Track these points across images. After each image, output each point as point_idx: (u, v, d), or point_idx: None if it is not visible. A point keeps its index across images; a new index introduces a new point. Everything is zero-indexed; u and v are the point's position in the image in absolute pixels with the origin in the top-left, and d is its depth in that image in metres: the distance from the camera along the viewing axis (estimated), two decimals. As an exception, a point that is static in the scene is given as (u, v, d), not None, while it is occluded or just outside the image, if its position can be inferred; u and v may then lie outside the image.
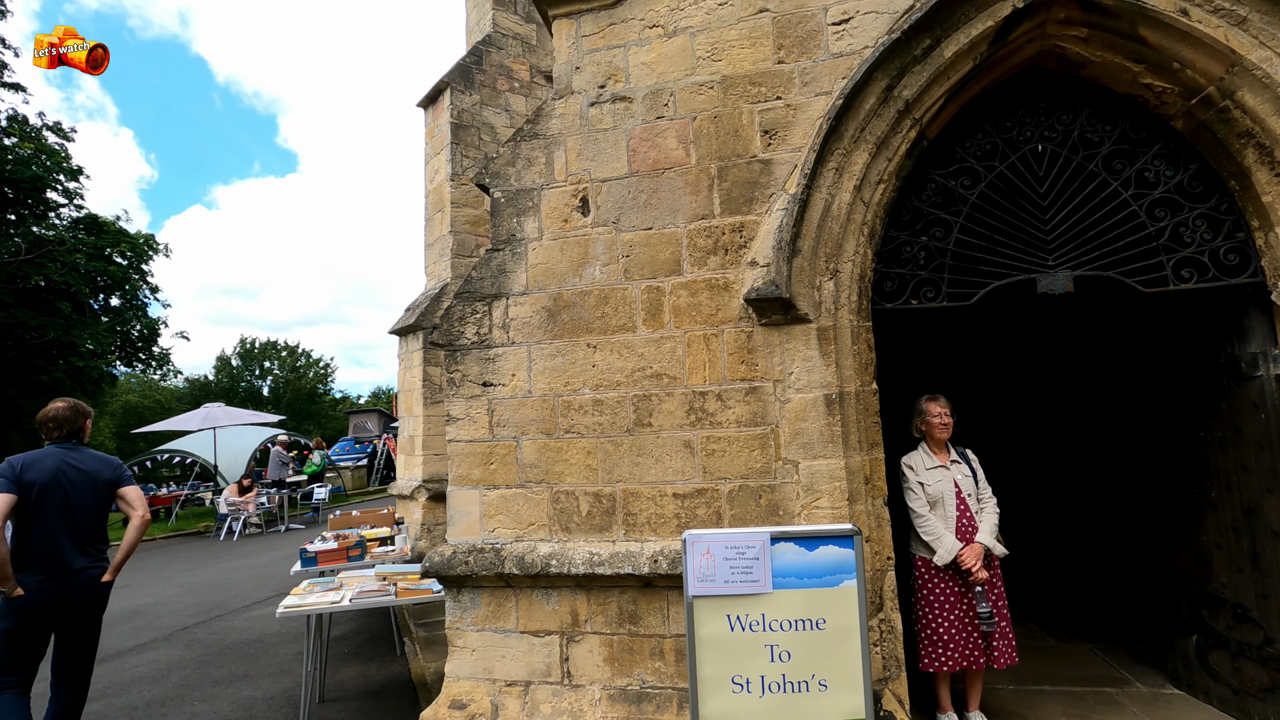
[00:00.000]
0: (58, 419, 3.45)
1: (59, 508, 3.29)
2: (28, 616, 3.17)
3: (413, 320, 7.35)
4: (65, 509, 3.30)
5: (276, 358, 67.83)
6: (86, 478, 3.40)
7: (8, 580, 3.11)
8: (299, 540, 11.91)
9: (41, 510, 3.24)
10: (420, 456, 7.23)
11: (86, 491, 3.39)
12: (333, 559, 5.12)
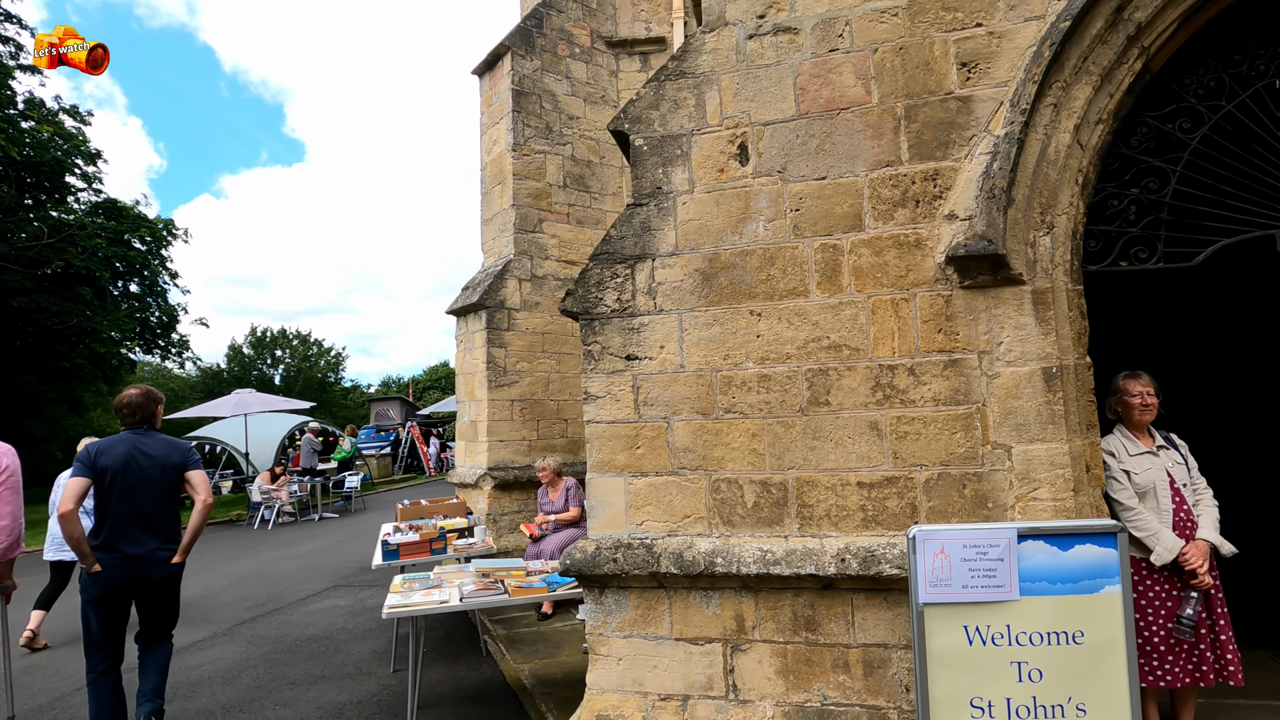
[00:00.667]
0: (131, 405, 3.60)
1: (130, 491, 3.43)
2: (107, 591, 3.37)
3: (475, 299, 6.94)
4: (136, 492, 3.44)
5: (288, 346, 67.81)
6: (155, 462, 3.52)
7: (86, 557, 3.31)
8: (335, 529, 11.60)
9: (114, 493, 3.40)
10: (485, 443, 6.84)
11: (156, 476, 3.52)
12: (415, 551, 4.74)
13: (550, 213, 7.45)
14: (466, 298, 7.20)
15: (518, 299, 7.12)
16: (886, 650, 2.73)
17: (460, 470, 7.16)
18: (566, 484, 6.24)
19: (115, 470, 3.42)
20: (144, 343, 25.15)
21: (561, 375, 7.37)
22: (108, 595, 3.39)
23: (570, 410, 7.40)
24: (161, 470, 3.54)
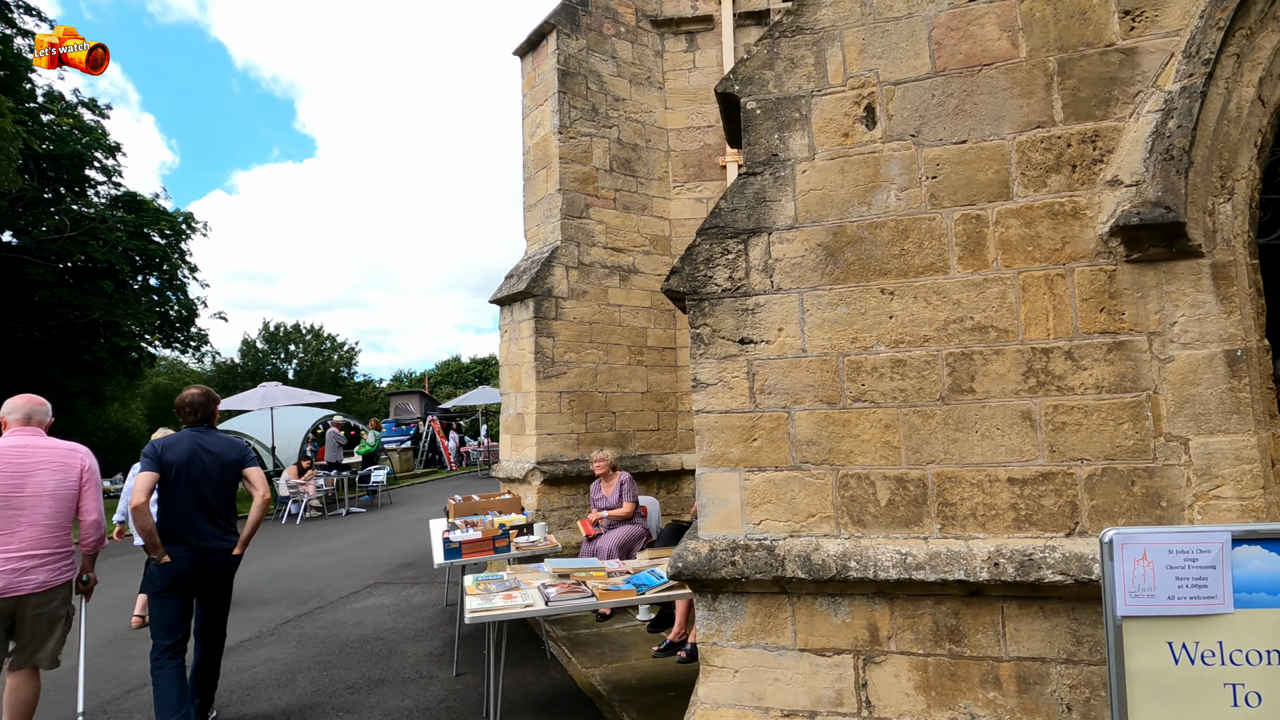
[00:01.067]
0: (193, 405, 3.82)
1: (193, 486, 3.62)
2: (176, 581, 3.55)
3: (522, 286, 6.69)
4: (199, 487, 3.63)
5: (301, 341, 68.05)
6: (216, 459, 3.73)
7: (157, 549, 3.48)
8: (365, 525, 11.42)
9: (179, 488, 3.59)
10: (533, 436, 6.59)
11: (216, 471, 3.72)
12: (478, 550, 4.50)
13: (597, 198, 7.18)
14: (512, 286, 6.95)
15: (565, 287, 6.87)
16: (1044, 665, 2.46)
17: (506, 464, 6.92)
18: (621, 478, 5.99)
19: (180, 465, 3.61)
20: (163, 336, 25.14)
21: (609, 367, 7.11)
22: (176, 584, 3.56)
23: (618, 403, 7.15)
24: (222, 466, 3.75)
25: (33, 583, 3.16)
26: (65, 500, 3.30)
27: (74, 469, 3.36)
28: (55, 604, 3.29)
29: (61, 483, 3.30)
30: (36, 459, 3.27)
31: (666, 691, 4.07)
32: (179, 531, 3.57)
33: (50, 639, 3.29)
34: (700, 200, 7.66)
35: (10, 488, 3.17)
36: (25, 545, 3.16)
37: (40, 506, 3.21)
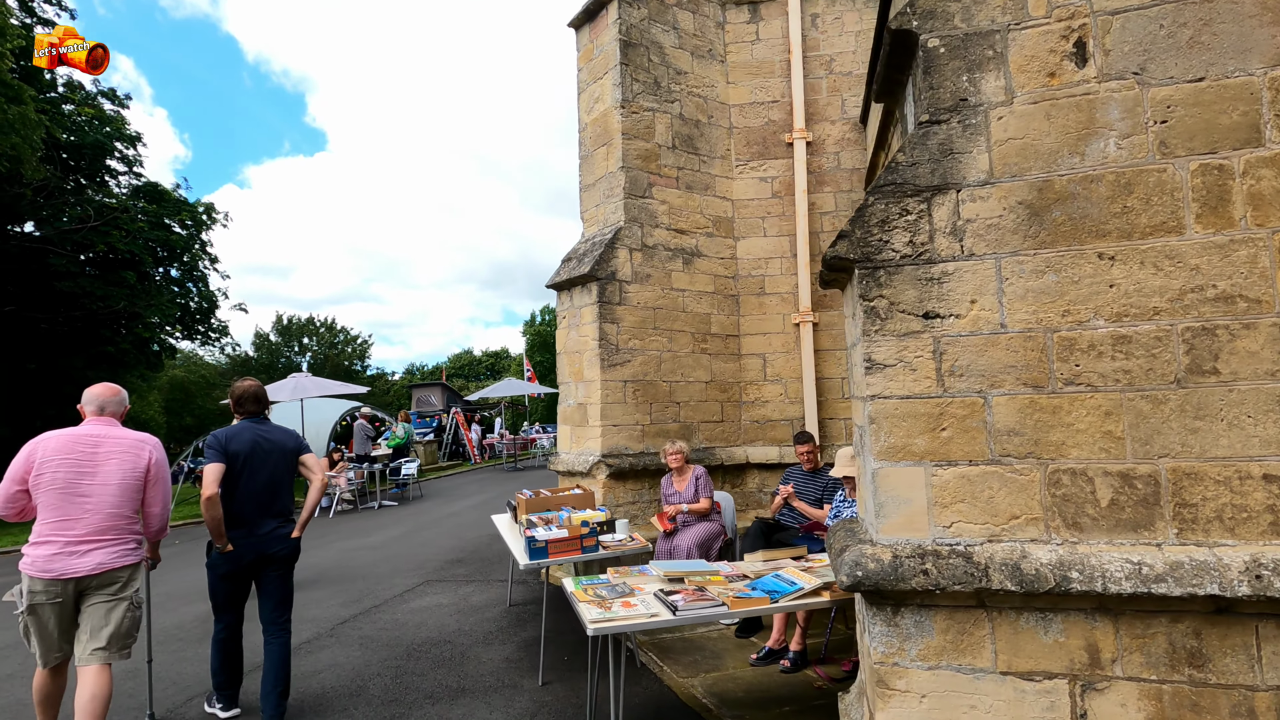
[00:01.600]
0: (256, 397, 3.94)
1: (256, 474, 3.71)
2: (236, 568, 3.69)
3: (585, 269, 6.32)
4: (261, 475, 3.73)
5: (314, 334, 68.21)
6: (276, 447, 3.83)
7: (222, 538, 3.59)
8: (400, 518, 11.13)
9: (243, 477, 3.67)
10: (597, 427, 6.24)
11: (278, 460, 3.81)
12: (565, 549, 4.16)
13: (659, 176, 6.80)
14: (572, 269, 6.59)
15: (629, 270, 6.50)
16: (1312, 695, 2.08)
17: (567, 457, 6.57)
18: (695, 472, 5.64)
19: (245, 455, 3.68)
20: (184, 328, 25.01)
21: (674, 354, 6.74)
22: (238, 571, 3.70)
23: (682, 393, 6.78)
24: (282, 454, 3.84)
25: (88, 564, 3.17)
26: (132, 490, 3.33)
27: (142, 460, 3.39)
28: (115, 587, 3.27)
29: (130, 473, 3.33)
30: (107, 449, 3.31)
31: (780, 706, 3.72)
32: (244, 519, 3.67)
33: (109, 624, 3.22)
34: (764, 180, 7.26)
35: (78, 475, 3.21)
36: (86, 532, 3.19)
37: (106, 495, 3.24)
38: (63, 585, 3.13)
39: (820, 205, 7.15)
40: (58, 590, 3.13)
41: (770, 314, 7.19)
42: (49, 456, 3.18)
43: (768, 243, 7.24)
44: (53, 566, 3.11)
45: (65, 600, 3.16)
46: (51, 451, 3.20)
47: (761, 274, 7.23)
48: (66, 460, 3.20)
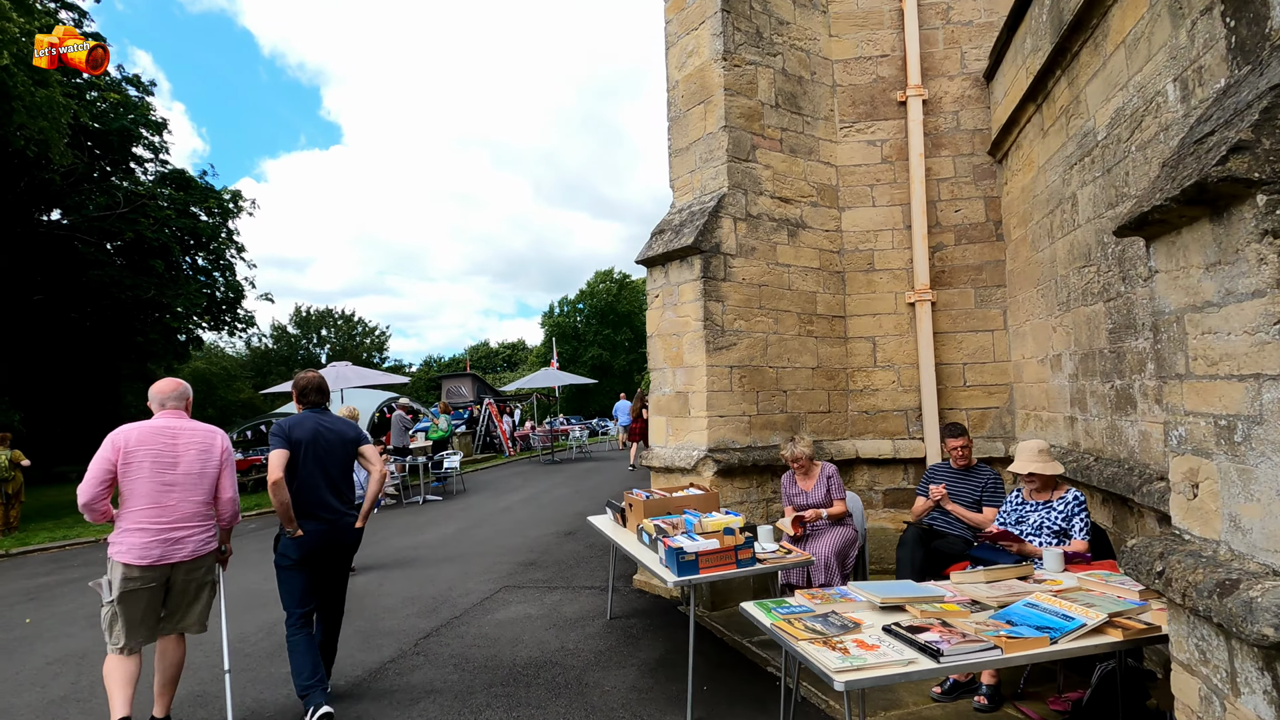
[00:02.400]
0: (319, 388, 4.00)
1: (319, 463, 3.75)
2: (308, 554, 3.70)
3: (687, 240, 5.63)
4: (323, 464, 3.77)
5: (332, 326, 68.20)
6: (337, 437, 3.87)
7: (291, 523, 3.62)
8: (449, 514, 10.54)
9: (306, 465, 3.71)
10: (703, 418, 5.57)
11: (338, 449, 3.86)
12: (718, 563, 3.49)
13: (763, 138, 6.09)
14: (669, 241, 5.90)
15: (733, 243, 5.80)
16: None
17: (663, 452, 5.91)
18: (825, 470, 4.96)
19: (307, 443, 3.73)
20: (211, 318, 24.62)
21: (780, 337, 6.05)
22: (307, 558, 3.70)
23: (788, 380, 6.08)
24: (343, 444, 3.89)
25: (183, 552, 3.36)
26: (209, 478, 3.50)
27: (215, 449, 3.55)
28: (202, 572, 3.49)
29: (206, 462, 3.49)
30: (184, 439, 3.45)
31: (999, 758, 3.04)
32: (309, 506, 3.70)
33: (198, 604, 3.51)
34: (873, 143, 6.52)
35: (165, 465, 3.36)
36: (178, 519, 3.36)
37: (189, 483, 3.42)
38: (160, 571, 3.30)
39: (937, 171, 6.40)
40: (154, 576, 3.29)
41: (880, 293, 6.46)
42: (134, 447, 3.30)
43: (877, 213, 6.50)
44: (151, 553, 3.26)
45: (158, 586, 3.33)
46: (135, 443, 3.31)
47: (870, 248, 6.50)
48: (151, 450, 3.34)
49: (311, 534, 3.68)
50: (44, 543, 9.88)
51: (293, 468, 3.66)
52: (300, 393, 3.97)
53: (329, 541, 3.75)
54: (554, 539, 8.24)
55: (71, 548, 9.84)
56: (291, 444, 3.68)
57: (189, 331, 24.31)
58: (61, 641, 5.41)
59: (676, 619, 5.15)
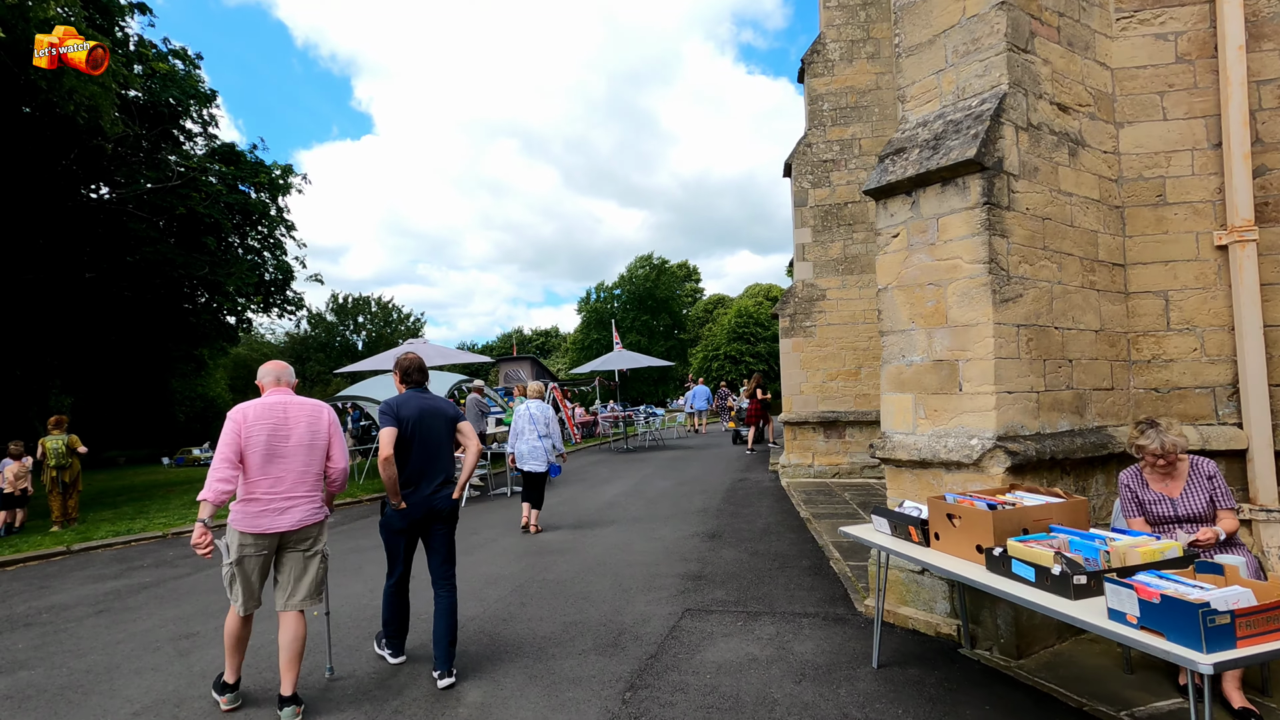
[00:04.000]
0: (421, 368, 4.21)
1: (423, 439, 3.94)
2: (410, 523, 3.95)
3: (962, 153, 4.14)
4: (427, 440, 3.96)
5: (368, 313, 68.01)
6: (439, 414, 4.05)
7: (397, 495, 3.87)
8: (551, 510, 9.23)
9: (414, 441, 3.91)
10: (987, 395, 4.11)
11: (441, 425, 4.04)
12: (1269, 630, 2.05)
13: (1040, 23, 4.57)
14: (926, 159, 4.42)
15: (1015, 160, 4.31)
16: None
17: (915, 441, 4.47)
18: (1203, 469, 3.52)
19: (414, 421, 3.92)
20: (261, 299, 23.73)
21: (1064, 289, 4.56)
22: (411, 526, 3.95)
23: (1074, 346, 4.60)
24: (444, 420, 4.06)
25: (290, 520, 3.51)
26: (318, 450, 3.66)
27: (323, 422, 3.71)
28: (309, 541, 3.63)
29: (315, 435, 3.65)
30: (294, 414, 3.62)
31: None
32: (414, 479, 3.91)
33: (308, 575, 3.62)
34: (1163, 37, 4.96)
35: (278, 438, 3.52)
36: (287, 489, 3.52)
37: (299, 455, 3.57)
38: (269, 540, 3.50)
39: (1262, 69, 4.81)
40: (265, 544, 3.50)
41: (1174, 233, 4.92)
42: (252, 423, 3.46)
43: (1169, 129, 4.95)
44: (260, 523, 3.45)
45: (269, 553, 3.53)
46: (253, 419, 3.48)
47: (1159, 175, 4.95)
48: (266, 425, 3.49)
49: (414, 504, 3.89)
50: (107, 537, 8.83)
51: (401, 443, 3.85)
52: (404, 373, 4.14)
53: (429, 511, 3.94)
54: (700, 544, 6.89)
55: (138, 544, 8.77)
56: (399, 421, 3.87)
57: (239, 313, 23.44)
58: (146, 678, 4.20)
59: (970, 672, 3.74)
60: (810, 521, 7.59)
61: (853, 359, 10.85)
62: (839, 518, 7.74)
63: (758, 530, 7.41)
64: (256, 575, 3.52)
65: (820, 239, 11.03)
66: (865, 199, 10.92)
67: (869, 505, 8.38)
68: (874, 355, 10.77)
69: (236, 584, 3.48)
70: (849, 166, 10.99)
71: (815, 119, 11.13)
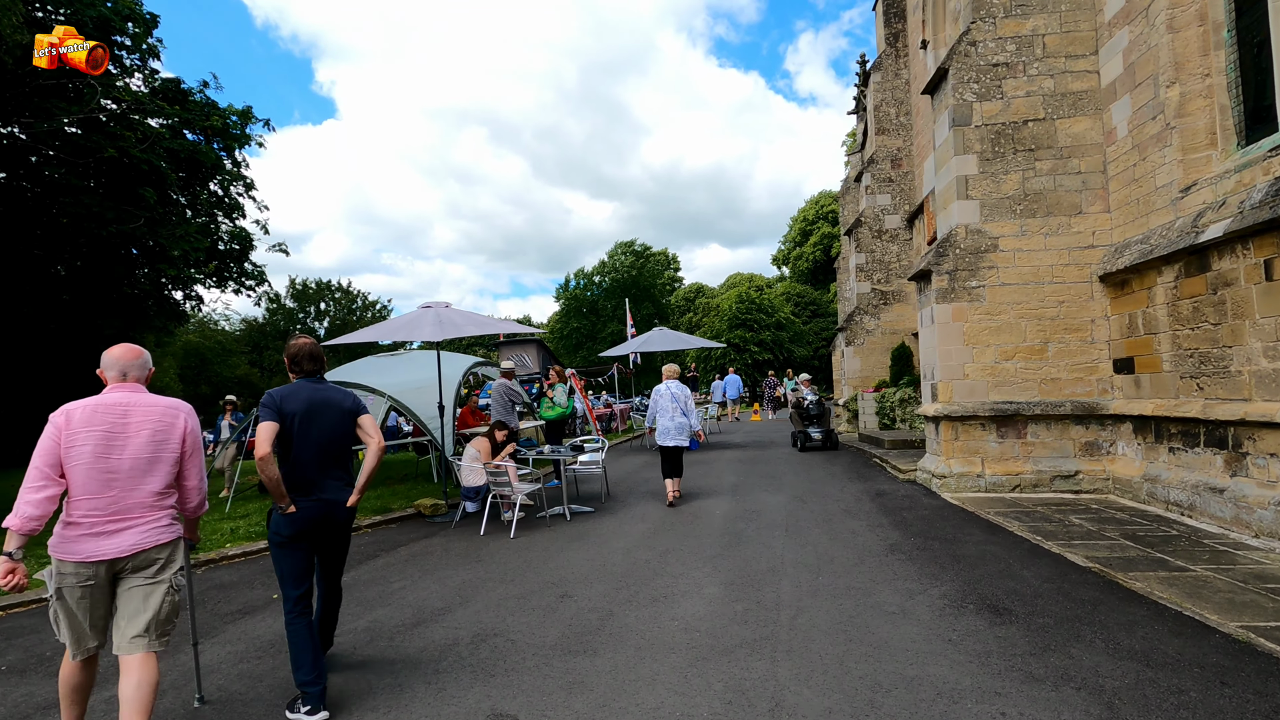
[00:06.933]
0: (312, 355, 3.67)
1: (313, 435, 3.50)
2: (300, 530, 3.45)
3: None
4: (318, 436, 3.52)
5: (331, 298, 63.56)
6: (333, 408, 3.60)
7: (284, 498, 3.37)
8: (653, 540, 6.25)
9: (300, 437, 3.47)
10: None
11: (335, 420, 3.59)
12: None
13: None
14: None
15: None
16: None
17: None
18: None
19: (301, 415, 3.47)
20: (214, 270, 20.03)
21: None
22: (301, 535, 3.46)
23: None
24: (340, 415, 3.61)
25: (120, 544, 2.88)
26: (164, 465, 3.00)
27: (176, 430, 3.04)
28: (153, 567, 2.97)
29: (162, 446, 3.00)
30: (136, 418, 2.96)
31: None
32: (303, 482, 3.47)
33: (149, 608, 2.92)
34: None
35: (106, 449, 2.87)
36: (116, 511, 2.88)
37: (136, 471, 2.93)
38: (94, 568, 2.84)
39: None
40: (89, 574, 2.84)
41: None
42: (77, 428, 2.83)
43: None
44: (81, 548, 2.82)
45: (98, 584, 2.86)
46: (79, 423, 2.84)
47: None
48: (97, 431, 2.86)
49: (306, 510, 3.44)
50: (-36, 601, 5.58)
51: (287, 440, 3.43)
52: (292, 361, 3.65)
53: (323, 517, 3.51)
54: (974, 623, 4.00)
55: (16, 611, 5.52)
56: (282, 415, 3.42)
57: (187, 286, 19.74)
58: None
59: None
60: (1115, 577, 4.77)
61: (1036, 331, 8.07)
62: (1138, 564, 4.98)
63: (1046, 597, 4.56)
64: (85, 611, 2.85)
65: (989, 169, 8.20)
66: (1051, 117, 8.12)
67: (1138, 537, 5.64)
68: (1066, 326, 8.02)
69: (61, 622, 2.87)
70: (1028, 73, 8.18)
71: (982, 8, 8.28)
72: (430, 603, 5.06)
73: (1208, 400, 6.24)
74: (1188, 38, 6.70)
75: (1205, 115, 6.62)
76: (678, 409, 8.48)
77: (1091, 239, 8.01)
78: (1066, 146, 8.07)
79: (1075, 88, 8.07)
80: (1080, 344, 8.00)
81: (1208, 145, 6.61)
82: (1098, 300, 7.96)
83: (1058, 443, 7.97)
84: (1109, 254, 7.85)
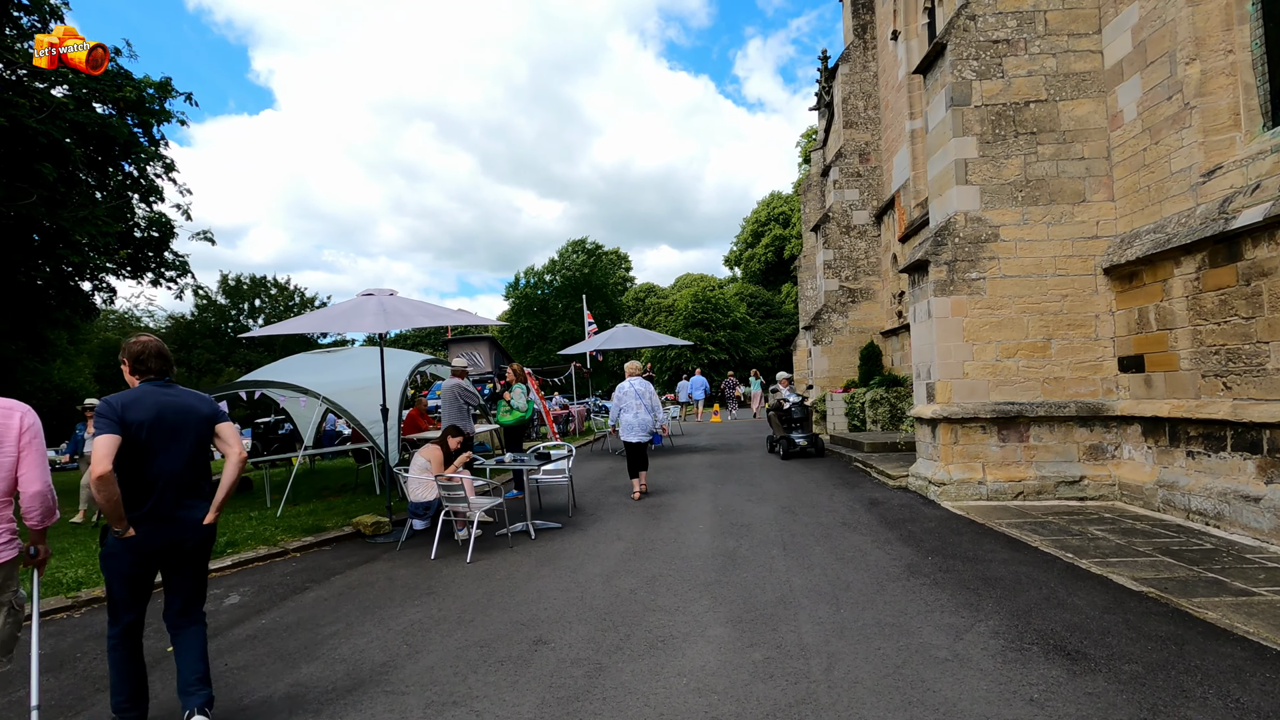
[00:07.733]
0: (159, 354, 3.23)
1: (165, 447, 3.06)
2: (140, 557, 3.02)
3: None
4: (171, 449, 3.08)
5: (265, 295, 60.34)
6: (186, 414, 3.17)
7: (121, 521, 2.93)
8: (636, 565, 5.39)
9: (148, 450, 3.01)
10: None
11: (189, 430, 3.16)
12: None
13: None
14: None
15: None
16: None
17: None
18: None
19: (150, 424, 3.01)
20: (128, 256, 18.11)
21: None
22: (142, 560, 3.02)
23: None
24: (196, 422, 3.18)
25: None
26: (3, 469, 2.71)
27: (11, 430, 2.76)
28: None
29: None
30: None
31: None
32: (147, 501, 2.99)
33: None
34: None
35: None
36: None
37: None
38: None
39: None
40: None
41: None
42: None
43: None
44: None
45: None
46: None
47: None
48: None
49: (149, 533, 2.98)
50: None
51: (131, 454, 2.93)
52: (134, 361, 3.15)
53: (169, 543, 3.04)
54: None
55: None
56: (125, 426, 2.92)
57: (96, 276, 17.82)
58: None
59: None
60: (1179, 604, 4.15)
61: (1039, 327, 7.54)
62: (1195, 587, 4.38)
63: (1116, 634, 3.90)
64: None
65: (990, 153, 7.63)
66: (1054, 99, 7.61)
67: (1173, 551, 5.08)
68: (1069, 322, 7.51)
69: None
70: (1030, 51, 7.66)
71: (983, -20, 7.71)
72: (370, 655, 4.04)
73: (1238, 401, 5.75)
74: (1209, 10, 6.24)
75: (1228, 94, 6.15)
76: (641, 405, 8.67)
77: (1095, 229, 7.53)
78: (1069, 130, 7.57)
79: (1078, 68, 7.58)
80: (1084, 341, 7.51)
81: (1231, 126, 6.14)
82: (1102, 294, 7.48)
83: (1061, 446, 7.45)
84: (1114, 245, 7.38)
